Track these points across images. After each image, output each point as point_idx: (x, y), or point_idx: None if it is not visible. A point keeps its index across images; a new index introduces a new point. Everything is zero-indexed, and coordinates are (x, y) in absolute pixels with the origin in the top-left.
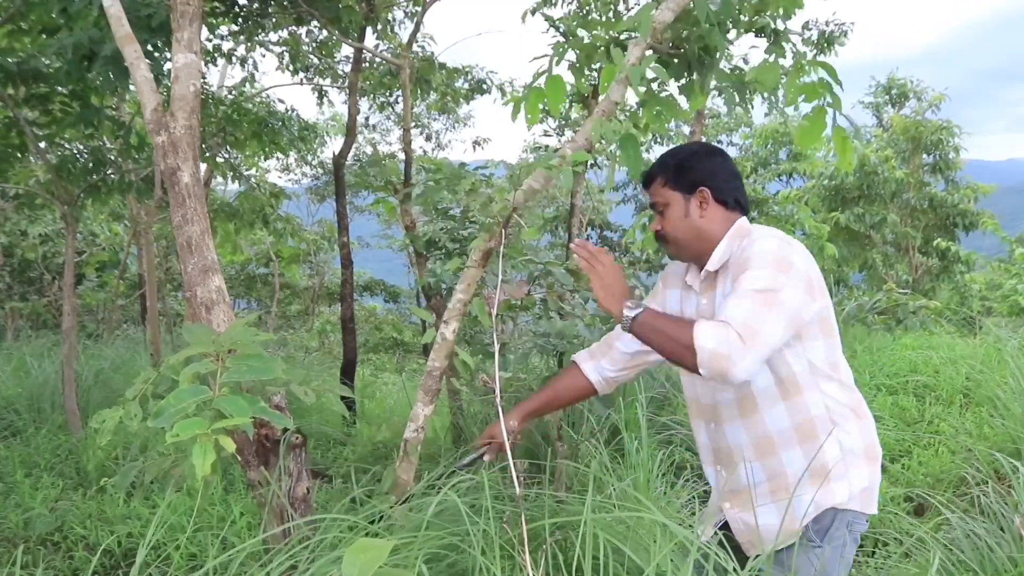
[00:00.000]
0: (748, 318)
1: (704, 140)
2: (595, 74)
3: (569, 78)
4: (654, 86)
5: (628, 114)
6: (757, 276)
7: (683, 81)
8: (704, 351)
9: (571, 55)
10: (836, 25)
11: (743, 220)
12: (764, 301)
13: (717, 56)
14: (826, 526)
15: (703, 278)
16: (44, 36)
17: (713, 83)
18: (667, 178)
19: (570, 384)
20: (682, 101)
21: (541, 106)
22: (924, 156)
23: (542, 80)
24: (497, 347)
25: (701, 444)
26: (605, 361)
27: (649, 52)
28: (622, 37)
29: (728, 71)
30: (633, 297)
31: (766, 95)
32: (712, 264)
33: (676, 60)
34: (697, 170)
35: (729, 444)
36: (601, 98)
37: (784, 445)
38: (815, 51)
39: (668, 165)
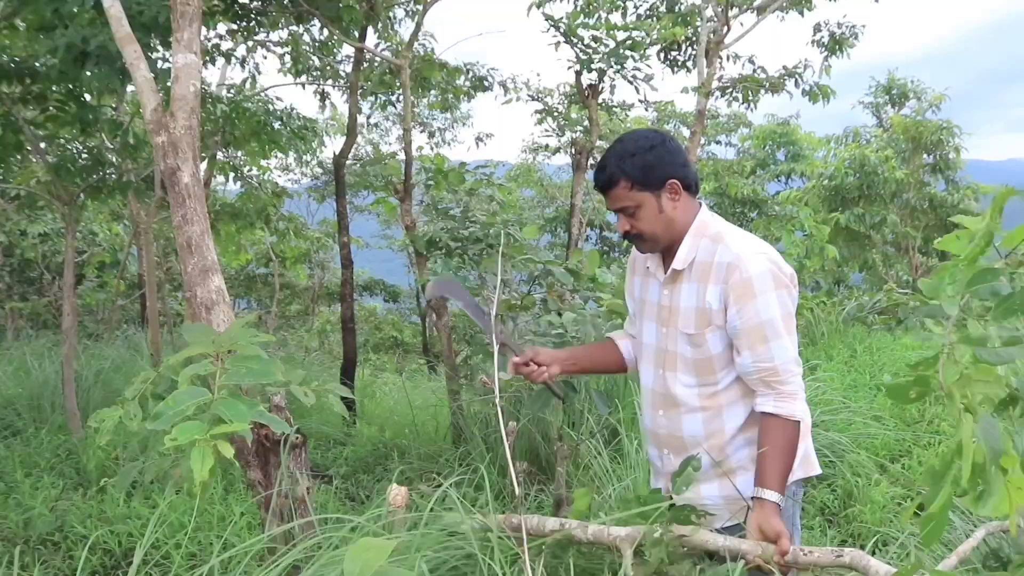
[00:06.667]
0: (789, 350)
1: (658, 131)
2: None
3: (570, 78)
4: None
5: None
6: (769, 302)
7: None
8: (804, 413)
9: (570, 55)
10: (847, 27)
11: (703, 214)
12: (787, 326)
13: None
14: None
15: (669, 273)
16: (41, 35)
17: (715, 84)
18: (632, 181)
19: (606, 354)
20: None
21: (541, 106)
22: (924, 156)
23: None
24: (497, 347)
25: (650, 430)
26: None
27: None
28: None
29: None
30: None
31: None
32: (678, 264)
33: None
34: (662, 165)
35: (683, 435)
36: None
37: (733, 437)
38: (825, 53)
39: (627, 168)
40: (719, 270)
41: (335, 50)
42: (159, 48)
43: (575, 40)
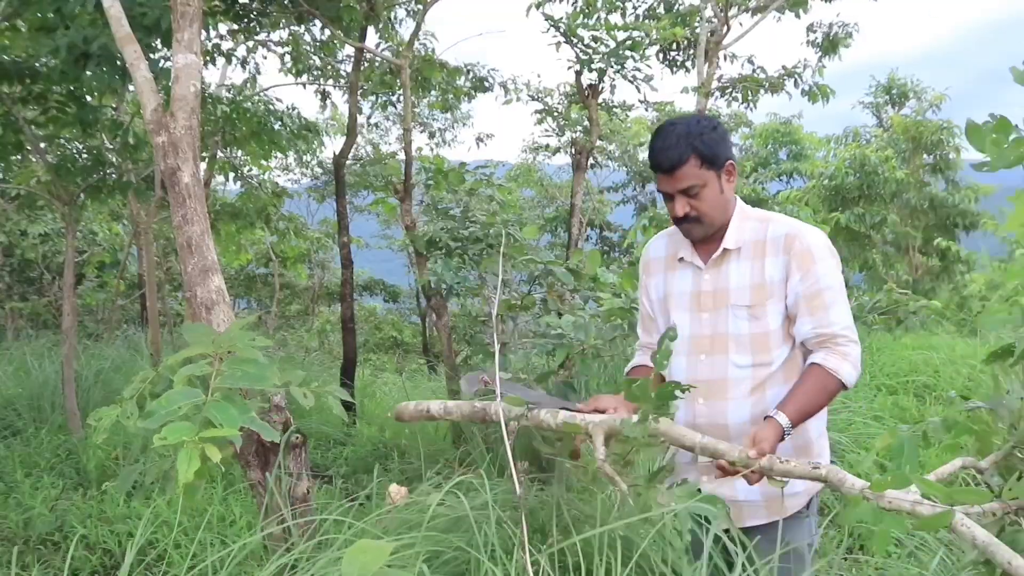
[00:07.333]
0: (847, 317)
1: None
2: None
3: (570, 78)
4: None
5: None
6: (829, 269)
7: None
8: (851, 379)
9: (570, 55)
10: (840, 27)
11: (740, 201)
12: (842, 292)
13: None
14: (806, 503)
15: (715, 254)
16: (43, 35)
17: (715, 84)
18: (701, 158)
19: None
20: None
21: (541, 106)
22: (924, 156)
23: None
24: (497, 347)
25: (686, 422)
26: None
27: None
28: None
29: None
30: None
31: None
32: (730, 244)
33: None
34: (723, 144)
35: (727, 422)
36: None
37: None
38: (819, 53)
39: (698, 145)
40: (776, 243)
41: (335, 50)
42: (160, 48)
43: (575, 40)
